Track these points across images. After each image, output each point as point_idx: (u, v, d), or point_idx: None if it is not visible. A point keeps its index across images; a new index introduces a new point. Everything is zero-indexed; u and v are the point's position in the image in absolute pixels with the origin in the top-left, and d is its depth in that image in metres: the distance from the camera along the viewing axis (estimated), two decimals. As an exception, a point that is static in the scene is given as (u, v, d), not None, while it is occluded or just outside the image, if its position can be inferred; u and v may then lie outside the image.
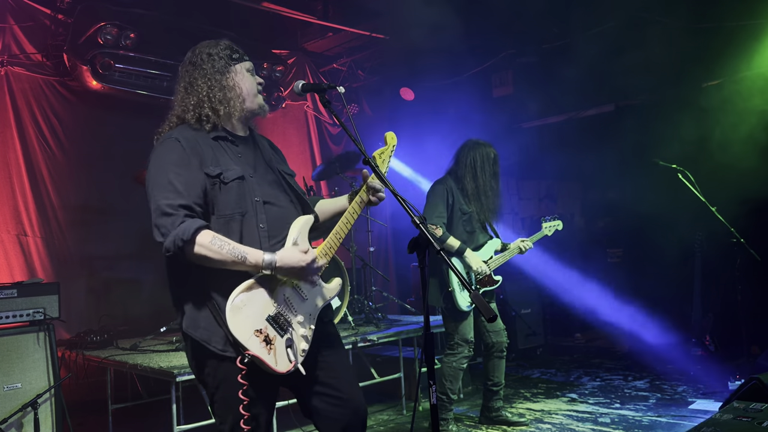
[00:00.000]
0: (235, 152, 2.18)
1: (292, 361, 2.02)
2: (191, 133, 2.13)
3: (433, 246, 1.90)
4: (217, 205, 2.06)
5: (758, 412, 2.75)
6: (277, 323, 2.03)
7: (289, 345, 2.03)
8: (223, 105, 2.16)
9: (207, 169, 2.06)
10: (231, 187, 2.08)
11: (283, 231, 2.14)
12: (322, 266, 2.15)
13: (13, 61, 5.22)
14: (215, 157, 2.10)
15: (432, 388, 1.91)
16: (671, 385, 5.14)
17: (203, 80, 2.17)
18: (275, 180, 2.25)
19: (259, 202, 2.13)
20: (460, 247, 4.02)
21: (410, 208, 2.00)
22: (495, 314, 1.80)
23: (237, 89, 2.19)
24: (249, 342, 1.94)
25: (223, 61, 2.20)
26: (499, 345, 4.20)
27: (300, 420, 4.30)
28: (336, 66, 7.66)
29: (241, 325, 1.94)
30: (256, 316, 1.99)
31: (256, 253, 1.98)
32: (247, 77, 2.23)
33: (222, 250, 1.95)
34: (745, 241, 4.57)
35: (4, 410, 3.44)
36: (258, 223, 2.10)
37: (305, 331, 2.10)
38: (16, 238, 5.11)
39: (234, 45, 2.27)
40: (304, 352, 2.09)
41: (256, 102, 2.24)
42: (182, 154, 2.04)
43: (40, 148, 5.34)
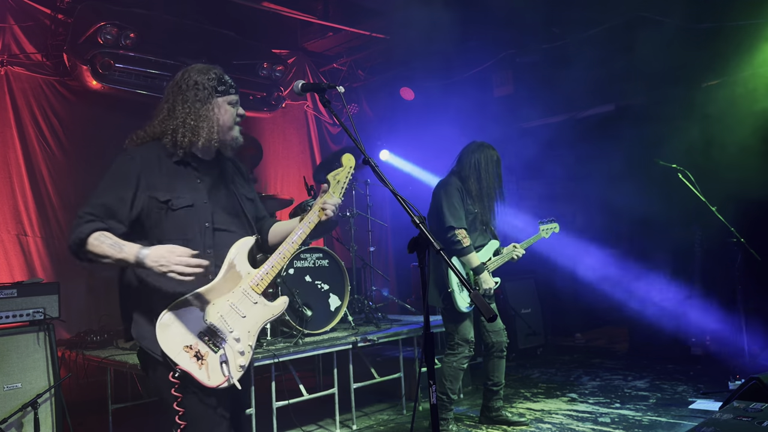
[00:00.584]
0: (195, 178, 2.29)
1: (225, 375, 2.10)
2: (155, 154, 2.24)
3: (433, 246, 1.90)
4: (162, 229, 2.19)
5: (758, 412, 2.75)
6: (210, 339, 2.13)
7: (223, 361, 2.11)
8: (196, 134, 2.25)
9: (157, 193, 2.18)
10: (178, 214, 2.20)
11: (226, 253, 2.25)
12: (202, 264, 2.07)
13: (13, 60, 5.22)
14: (170, 183, 2.22)
15: (432, 387, 1.91)
16: (671, 384, 5.14)
17: (183, 107, 2.25)
18: (231, 206, 2.37)
19: (209, 228, 2.26)
20: (477, 267, 4.03)
21: (410, 207, 2.00)
22: (495, 314, 1.81)
23: (213, 120, 2.27)
24: (178, 357, 2.06)
25: (207, 92, 2.27)
26: (499, 345, 4.20)
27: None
28: (336, 66, 7.66)
29: (169, 342, 2.06)
30: (185, 333, 2.10)
31: (132, 246, 2.07)
32: (227, 110, 2.31)
33: (103, 245, 2.06)
34: (745, 241, 4.57)
35: (4, 410, 3.44)
36: (206, 249, 2.22)
37: (242, 347, 2.17)
38: (16, 237, 5.11)
39: (224, 76, 2.34)
40: (242, 367, 2.16)
41: (230, 134, 2.33)
42: (128, 174, 2.17)
43: (40, 147, 5.34)
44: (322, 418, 4.66)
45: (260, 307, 2.25)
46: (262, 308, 2.25)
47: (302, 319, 4.38)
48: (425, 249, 1.95)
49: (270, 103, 6.68)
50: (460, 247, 3.98)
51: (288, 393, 4.06)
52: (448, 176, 4.24)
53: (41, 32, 5.39)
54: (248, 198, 2.46)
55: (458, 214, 4.02)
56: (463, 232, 3.99)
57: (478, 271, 4.04)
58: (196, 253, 2.08)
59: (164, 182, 2.21)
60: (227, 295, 2.21)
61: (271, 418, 4.02)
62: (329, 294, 4.76)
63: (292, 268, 4.56)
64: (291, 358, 4.06)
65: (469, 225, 4.11)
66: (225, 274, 2.22)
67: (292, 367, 4.21)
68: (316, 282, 4.69)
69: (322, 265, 4.77)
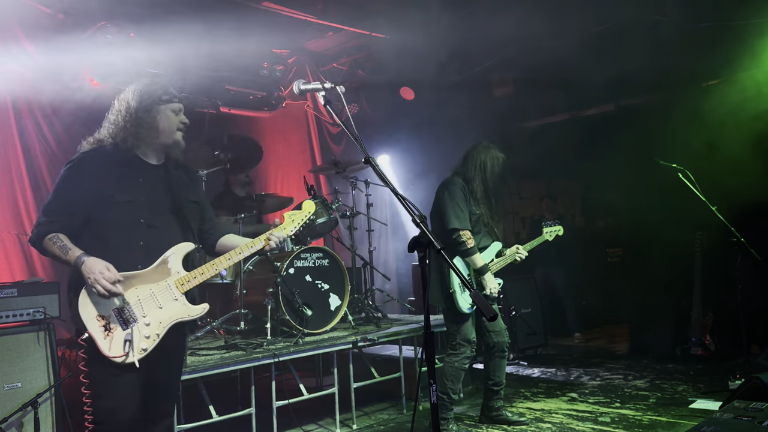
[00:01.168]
0: (137, 178, 2.56)
1: (125, 352, 2.36)
2: (103, 154, 2.53)
3: (433, 245, 1.90)
4: (103, 222, 2.47)
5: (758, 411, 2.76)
6: (122, 317, 2.41)
7: (128, 339, 2.37)
8: (137, 138, 2.54)
9: (102, 189, 2.46)
10: (118, 208, 2.47)
11: (162, 251, 2.52)
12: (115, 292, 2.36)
13: (13, 60, 5.21)
14: (115, 180, 2.50)
15: (432, 387, 1.91)
16: (671, 384, 5.14)
17: (127, 113, 2.54)
18: (169, 206, 2.62)
19: (144, 224, 2.52)
20: (482, 268, 4.03)
21: (411, 207, 2.00)
22: (495, 313, 1.81)
23: (155, 127, 2.56)
24: (89, 323, 2.36)
25: (151, 100, 2.55)
26: (500, 345, 4.19)
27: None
28: (336, 66, 7.65)
29: (86, 308, 2.38)
30: (102, 305, 2.39)
31: (76, 251, 2.39)
32: (169, 117, 2.58)
33: (54, 246, 2.40)
34: (745, 241, 4.57)
35: (5, 409, 3.44)
36: (139, 241, 2.50)
37: (150, 333, 2.42)
38: (16, 237, 5.11)
39: (167, 85, 2.62)
40: (144, 350, 2.40)
41: (171, 138, 2.60)
42: (81, 176, 2.48)
43: (41, 148, 5.34)
44: (322, 417, 4.66)
45: (179, 305, 2.50)
46: (180, 306, 2.50)
47: (302, 318, 4.38)
48: (426, 248, 1.95)
49: (270, 103, 6.69)
50: (465, 248, 3.97)
51: (288, 392, 4.06)
52: (452, 176, 4.22)
53: (42, 32, 5.38)
54: (192, 201, 2.72)
55: (462, 214, 4.01)
56: (467, 233, 3.98)
57: (481, 272, 4.03)
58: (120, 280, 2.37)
59: (109, 181, 2.48)
60: (152, 284, 2.48)
61: (271, 417, 4.02)
62: (329, 293, 4.76)
63: (292, 267, 4.56)
64: (291, 358, 4.06)
65: (472, 226, 4.11)
66: (156, 266, 2.50)
67: (292, 366, 4.22)
68: (316, 281, 4.69)
69: (322, 264, 4.77)
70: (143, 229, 2.51)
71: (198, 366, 3.59)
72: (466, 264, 4.07)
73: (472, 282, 4.09)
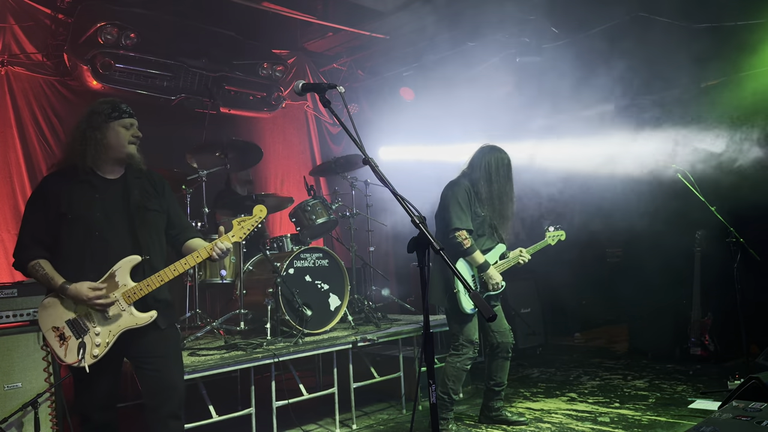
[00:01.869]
0: (93, 193, 2.73)
1: (78, 358, 2.62)
2: (62, 176, 2.74)
3: (433, 245, 1.91)
4: (63, 237, 2.68)
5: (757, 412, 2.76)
6: (74, 328, 2.66)
7: (81, 346, 2.63)
8: (88, 155, 2.71)
9: (61, 208, 2.67)
10: (74, 224, 2.67)
11: (113, 262, 2.70)
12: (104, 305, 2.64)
13: (13, 60, 5.22)
14: (70, 199, 2.68)
15: (432, 387, 1.92)
16: (670, 384, 5.14)
17: (78, 133, 2.74)
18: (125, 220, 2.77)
19: (98, 236, 2.70)
20: (483, 264, 4.04)
21: (410, 207, 2.01)
22: (494, 314, 1.81)
23: (104, 142, 2.72)
24: (47, 333, 2.68)
25: (101, 118, 2.73)
26: (504, 346, 4.20)
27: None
28: (336, 66, 7.66)
29: (44, 319, 2.68)
30: (56, 317, 2.67)
31: (59, 279, 2.64)
32: (119, 132, 2.75)
33: (38, 274, 2.66)
34: (744, 241, 4.58)
35: (5, 409, 3.45)
36: (90, 254, 2.69)
37: (100, 341, 2.66)
38: (16, 237, 5.11)
39: (119, 103, 2.79)
40: (95, 356, 2.65)
41: (123, 152, 2.77)
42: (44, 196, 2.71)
43: (41, 147, 5.34)
44: (322, 417, 4.66)
45: (126, 315, 2.71)
46: (127, 316, 2.71)
47: (302, 318, 4.38)
48: (425, 249, 1.96)
49: (270, 103, 6.68)
50: (462, 248, 3.99)
51: (288, 392, 4.07)
52: (459, 177, 4.23)
53: (41, 32, 5.39)
54: (152, 209, 2.85)
55: (462, 215, 4.02)
56: (463, 233, 3.99)
57: (483, 268, 4.05)
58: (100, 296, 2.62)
59: (66, 199, 2.68)
60: None
61: (271, 417, 4.02)
62: (329, 294, 4.76)
63: (292, 268, 4.57)
64: (291, 358, 4.07)
65: (477, 228, 4.11)
66: (104, 280, 2.69)
67: (292, 366, 4.22)
68: (316, 282, 4.70)
69: (322, 264, 4.78)
70: (95, 243, 2.70)
71: (198, 366, 3.59)
72: (470, 264, 4.08)
73: (477, 281, 4.10)
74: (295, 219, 5.23)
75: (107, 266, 2.70)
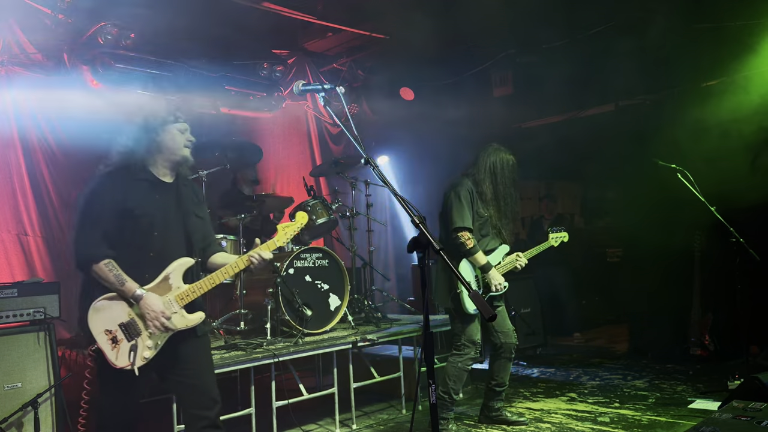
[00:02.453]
0: (153, 193, 2.78)
1: (130, 361, 2.61)
2: (123, 173, 2.75)
3: (432, 245, 1.91)
4: (125, 232, 2.68)
5: (757, 411, 2.76)
6: (127, 330, 2.65)
7: (132, 349, 2.62)
8: (152, 156, 2.79)
9: (125, 203, 2.68)
10: (141, 221, 2.71)
11: (167, 264, 2.75)
12: (169, 328, 2.68)
13: (13, 60, 5.22)
14: (134, 195, 2.72)
15: (431, 387, 1.92)
16: (670, 384, 5.14)
17: (138, 134, 2.78)
18: (179, 222, 2.85)
19: (157, 236, 2.75)
20: (485, 265, 4.04)
21: (410, 207, 2.01)
22: (494, 315, 1.81)
23: (164, 144, 2.79)
24: (98, 337, 2.63)
25: (158, 122, 2.81)
26: (508, 346, 4.19)
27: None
28: (336, 66, 7.65)
29: (95, 323, 2.63)
30: (110, 320, 2.64)
31: (133, 284, 2.63)
32: (175, 136, 2.82)
33: (110, 274, 2.61)
34: (744, 241, 4.57)
35: (5, 410, 3.44)
36: (149, 252, 2.73)
37: (152, 344, 2.67)
38: (16, 237, 5.11)
39: (174, 109, 2.88)
40: (146, 359, 2.65)
41: (178, 154, 2.83)
42: (108, 190, 2.70)
43: (41, 148, 5.34)
44: (322, 417, 4.66)
45: (178, 317, 2.73)
46: (179, 318, 2.73)
47: (302, 318, 4.38)
48: (425, 249, 1.96)
49: (270, 103, 6.68)
50: (465, 249, 3.98)
51: (288, 392, 4.06)
52: (461, 177, 4.22)
53: (42, 32, 5.38)
54: (198, 216, 2.95)
55: (464, 215, 4.01)
56: (466, 233, 3.98)
57: (485, 269, 4.05)
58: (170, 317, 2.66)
59: (129, 195, 2.71)
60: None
61: (271, 417, 4.02)
62: (329, 294, 4.76)
63: (292, 268, 4.57)
64: (291, 358, 4.07)
65: (480, 228, 4.11)
66: (158, 282, 2.72)
67: (292, 366, 4.22)
68: (316, 282, 4.70)
69: (322, 264, 4.78)
70: (154, 242, 2.74)
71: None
72: (472, 264, 4.08)
73: (480, 282, 4.10)
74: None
75: (162, 267, 2.74)
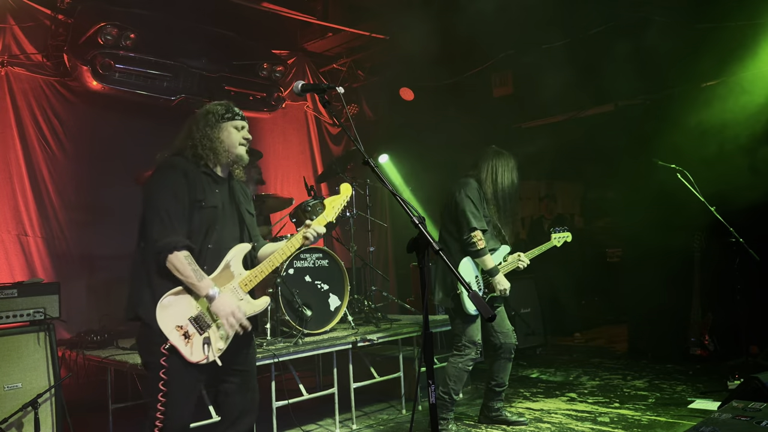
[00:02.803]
0: (214, 187, 2.75)
1: (205, 354, 2.54)
2: (186, 163, 2.70)
3: (432, 246, 1.91)
4: (193, 224, 2.62)
5: (757, 412, 2.76)
6: (198, 324, 2.57)
7: (206, 342, 2.55)
8: (209, 151, 2.74)
9: (193, 194, 2.63)
10: (206, 212, 2.65)
11: (221, 257, 2.69)
12: (244, 326, 2.61)
13: (13, 61, 5.22)
14: (201, 187, 2.67)
15: (431, 387, 1.92)
16: (670, 384, 5.14)
17: (197, 131, 2.75)
18: (236, 216, 2.83)
19: (218, 230, 2.70)
20: (492, 269, 4.06)
21: (409, 208, 2.01)
22: (494, 315, 1.81)
23: (220, 142, 2.76)
24: (170, 334, 2.51)
25: (215, 117, 2.77)
26: (507, 347, 4.20)
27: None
28: (336, 66, 7.66)
29: (165, 320, 2.52)
30: (179, 315, 2.55)
31: (208, 282, 2.56)
32: (232, 133, 2.80)
33: (188, 268, 2.52)
34: (743, 241, 4.58)
35: (5, 410, 3.45)
36: (208, 244, 2.66)
37: (224, 334, 2.59)
38: (16, 238, 5.11)
39: (232, 106, 2.85)
40: (220, 350, 2.59)
41: (234, 153, 2.80)
42: (180, 178, 2.62)
43: (41, 148, 5.34)
44: (322, 417, 4.67)
45: (244, 304, 2.68)
46: (245, 304, 2.68)
47: (302, 319, 4.38)
48: (424, 249, 1.96)
49: (270, 104, 6.68)
50: (475, 249, 4.00)
51: (288, 393, 4.06)
52: (466, 177, 4.23)
53: (42, 33, 5.39)
54: (249, 212, 2.91)
55: (478, 215, 4.04)
56: (478, 234, 4.00)
57: (492, 273, 4.06)
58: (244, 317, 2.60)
59: (197, 184, 2.66)
60: (219, 289, 2.62)
61: (271, 417, 4.02)
62: (329, 294, 4.76)
63: (292, 268, 4.57)
64: (291, 358, 4.07)
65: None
66: (220, 271, 2.66)
67: (292, 366, 4.22)
68: (316, 282, 4.70)
69: (322, 265, 4.78)
70: (215, 236, 2.69)
71: (198, 366, 3.59)
72: (476, 264, 4.09)
73: (481, 282, 4.11)
74: (296, 219, 5.23)
75: (217, 260, 2.67)
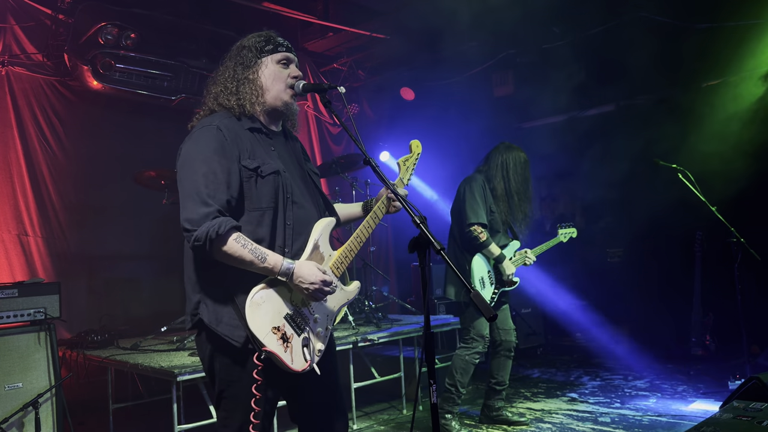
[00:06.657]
0: (269, 145, 2.15)
1: (307, 360, 2.03)
2: (230, 122, 2.08)
3: (433, 245, 1.90)
4: (251, 198, 2.03)
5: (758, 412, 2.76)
6: (295, 322, 2.03)
7: (305, 344, 2.03)
8: (237, 97, 2.11)
9: (245, 161, 2.03)
10: (267, 180, 2.05)
11: (307, 230, 2.13)
12: (335, 287, 2.09)
13: (13, 61, 5.22)
14: (252, 150, 2.06)
15: (432, 387, 1.91)
16: (671, 384, 5.14)
17: (226, 71, 2.17)
18: (303, 178, 2.24)
19: (289, 198, 2.10)
20: (499, 256, 4.10)
21: (410, 207, 2.00)
22: (495, 314, 1.81)
23: (256, 83, 2.13)
24: (266, 339, 1.94)
25: (252, 53, 2.14)
26: (507, 344, 4.22)
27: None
28: (336, 66, 7.66)
29: (258, 322, 1.94)
30: (274, 314, 1.98)
31: (276, 257, 1.97)
32: (272, 70, 2.15)
33: (244, 249, 1.92)
34: (744, 241, 4.58)
35: (5, 410, 3.45)
36: (285, 220, 2.08)
37: (322, 331, 2.12)
38: (16, 237, 5.11)
39: (273, 35, 2.19)
40: (320, 352, 2.10)
41: (280, 98, 2.15)
42: (224, 144, 2.00)
43: (41, 147, 5.34)
44: (323, 417, 4.65)
45: (339, 291, 2.18)
46: (340, 292, 2.19)
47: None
48: (425, 249, 1.95)
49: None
50: (478, 242, 4.05)
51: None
52: (474, 173, 4.31)
53: (42, 32, 5.38)
54: (314, 171, 2.33)
55: (478, 209, 4.08)
56: (478, 227, 4.05)
57: (499, 260, 4.12)
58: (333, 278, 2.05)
59: (247, 148, 2.05)
60: None
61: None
62: (329, 294, 4.74)
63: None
64: (291, 358, 4.05)
65: (490, 224, 4.17)
66: (310, 254, 2.10)
67: (292, 366, 4.21)
68: (317, 282, 4.68)
69: (323, 265, 4.76)
70: (289, 206, 2.09)
71: (198, 366, 3.59)
72: (486, 258, 4.12)
73: (493, 276, 4.15)
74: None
75: (301, 235, 2.10)
